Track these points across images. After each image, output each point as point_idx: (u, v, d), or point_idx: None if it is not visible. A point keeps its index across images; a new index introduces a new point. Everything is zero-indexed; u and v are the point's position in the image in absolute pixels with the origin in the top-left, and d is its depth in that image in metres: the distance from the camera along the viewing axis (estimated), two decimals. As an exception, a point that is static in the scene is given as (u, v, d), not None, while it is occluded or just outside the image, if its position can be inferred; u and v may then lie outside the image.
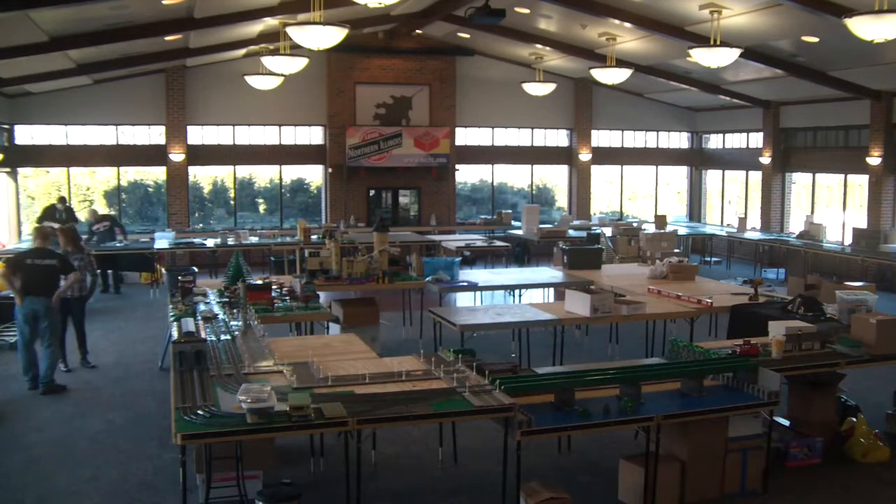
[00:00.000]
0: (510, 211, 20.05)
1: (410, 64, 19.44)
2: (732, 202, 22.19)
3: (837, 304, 7.94)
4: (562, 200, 22.18)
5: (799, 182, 19.83)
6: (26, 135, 17.71)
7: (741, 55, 12.11)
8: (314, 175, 20.22)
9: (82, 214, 16.39)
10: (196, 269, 9.96)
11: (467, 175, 21.32)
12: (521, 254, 18.68)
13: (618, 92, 20.48)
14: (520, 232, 18.07)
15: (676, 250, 15.50)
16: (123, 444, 7.37)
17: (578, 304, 8.35)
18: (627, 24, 13.70)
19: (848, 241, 16.53)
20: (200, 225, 18.66)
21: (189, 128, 18.43)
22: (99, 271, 13.07)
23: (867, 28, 8.63)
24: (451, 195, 20.22)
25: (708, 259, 19.66)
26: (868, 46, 10.51)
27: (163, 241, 15.64)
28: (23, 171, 18.06)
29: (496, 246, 15.70)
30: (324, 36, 10.02)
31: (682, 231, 19.05)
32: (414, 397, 5.39)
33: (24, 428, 7.79)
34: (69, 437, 7.56)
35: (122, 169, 18.84)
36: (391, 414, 5.11)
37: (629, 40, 15.41)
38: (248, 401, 4.86)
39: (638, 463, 5.96)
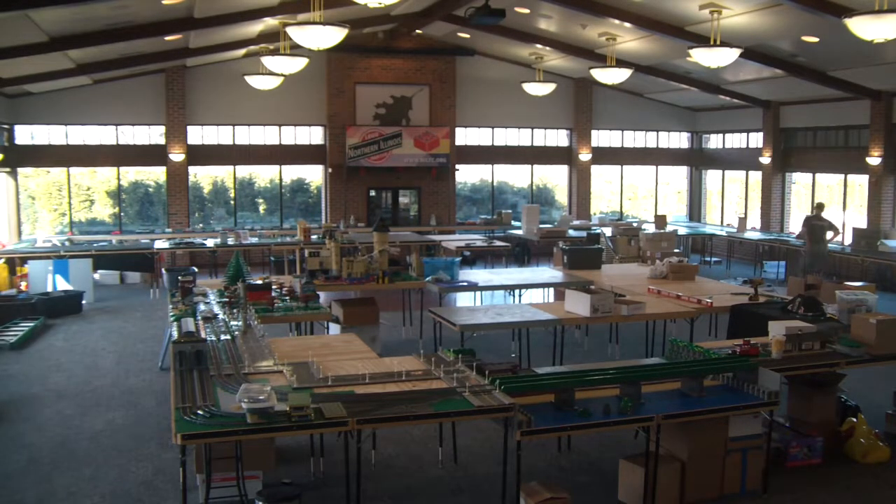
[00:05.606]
0: (510, 211, 20.04)
1: (410, 64, 19.43)
2: (732, 202, 22.17)
3: (837, 304, 7.95)
4: (562, 200, 22.18)
5: (799, 182, 19.82)
6: (26, 135, 17.72)
7: (741, 55, 12.11)
8: (314, 175, 20.22)
9: None
10: (196, 269, 9.96)
11: (467, 175, 21.31)
12: (521, 254, 18.67)
13: (618, 92, 20.47)
14: (520, 232, 18.07)
15: (676, 250, 15.49)
16: (123, 444, 7.36)
17: (578, 304, 8.35)
18: (627, 24, 13.69)
19: (848, 241, 16.52)
20: (200, 225, 18.65)
21: (189, 128, 18.43)
22: None
23: (867, 28, 8.63)
24: (451, 195, 20.21)
25: (708, 259, 19.66)
26: (868, 46, 10.51)
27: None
28: (23, 171, 18.05)
29: (496, 246, 15.70)
30: (324, 36, 10.02)
31: (682, 231, 19.04)
32: (414, 397, 5.39)
33: (24, 428, 7.79)
34: (69, 437, 7.56)
35: (123, 169, 18.82)
36: (391, 414, 5.11)
37: (629, 40, 15.41)
38: (248, 401, 4.86)
39: (638, 463, 5.96)
